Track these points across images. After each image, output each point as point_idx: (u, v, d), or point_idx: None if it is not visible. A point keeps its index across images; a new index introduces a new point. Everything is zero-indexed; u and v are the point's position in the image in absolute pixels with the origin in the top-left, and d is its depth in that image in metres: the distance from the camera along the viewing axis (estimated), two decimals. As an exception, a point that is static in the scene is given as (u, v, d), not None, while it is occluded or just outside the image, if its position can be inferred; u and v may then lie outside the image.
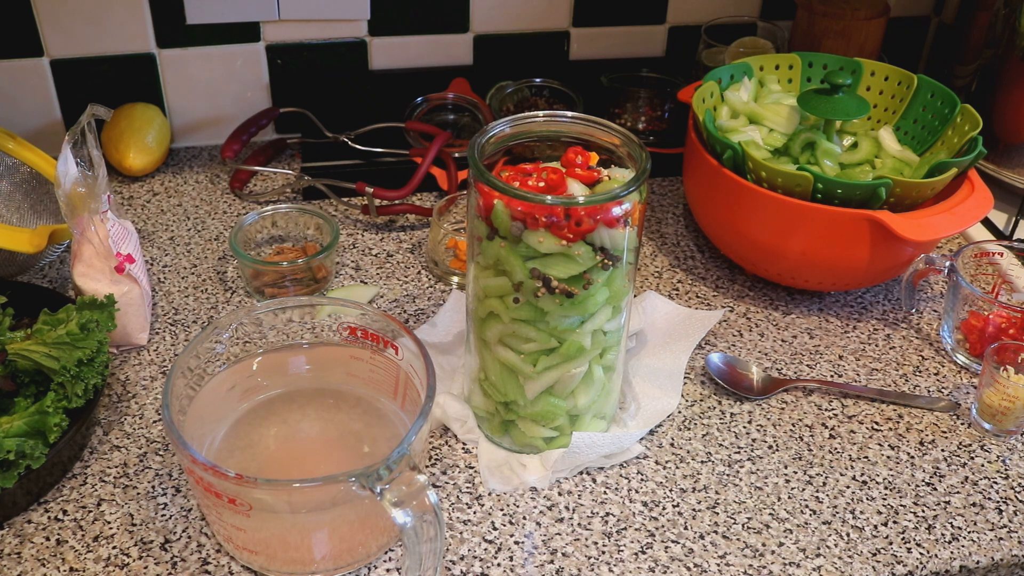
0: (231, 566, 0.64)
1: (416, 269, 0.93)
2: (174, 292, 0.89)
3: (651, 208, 1.04)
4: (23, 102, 1.04)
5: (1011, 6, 1.02)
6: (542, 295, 0.64)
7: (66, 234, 0.87)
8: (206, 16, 1.04)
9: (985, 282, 0.89)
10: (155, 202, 1.03)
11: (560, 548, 0.66)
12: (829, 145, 0.88)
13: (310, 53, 1.10)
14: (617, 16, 1.16)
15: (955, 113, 0.89)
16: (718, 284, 0.93)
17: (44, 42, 1.01)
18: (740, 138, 0.89)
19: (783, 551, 0.66)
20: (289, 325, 0.72)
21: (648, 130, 1.13)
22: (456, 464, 0.72)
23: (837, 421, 0.78)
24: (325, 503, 0.59)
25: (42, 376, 0.70)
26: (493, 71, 1.14)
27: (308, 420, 0.70)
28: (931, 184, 0.81)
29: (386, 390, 0.71)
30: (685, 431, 0.76)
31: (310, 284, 0.89)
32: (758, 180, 0.83)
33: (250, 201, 1.03)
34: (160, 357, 0.81)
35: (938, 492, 0.72)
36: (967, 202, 0.82)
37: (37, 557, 0.64)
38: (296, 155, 1.11)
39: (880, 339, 0.87)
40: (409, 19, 1.10)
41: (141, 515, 0.67)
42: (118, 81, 1.06)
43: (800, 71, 0.98)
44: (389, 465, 0.56)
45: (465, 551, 0.66)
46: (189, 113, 1.11)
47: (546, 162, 0.68)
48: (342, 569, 0.64)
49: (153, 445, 0.73)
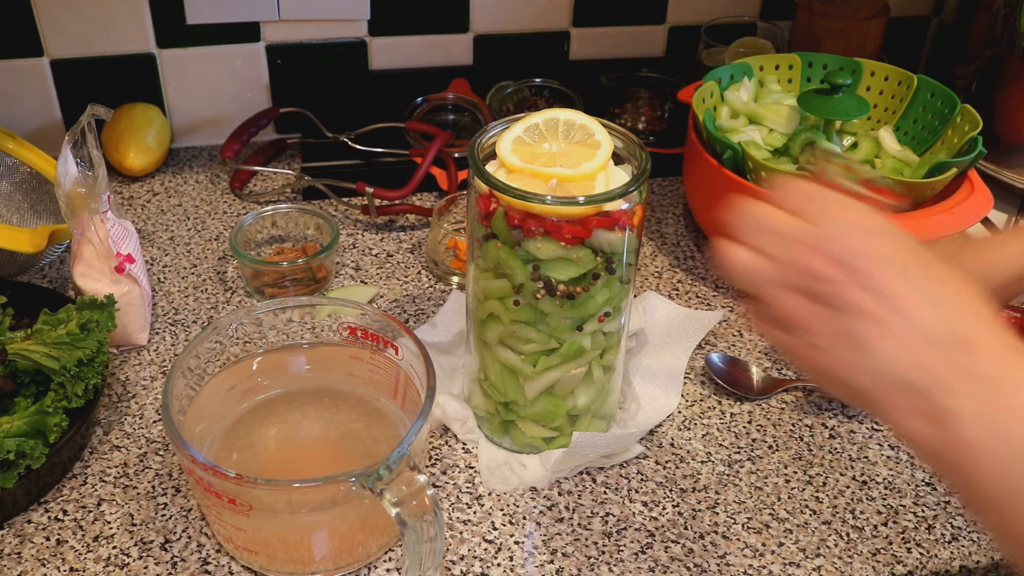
0: (231, 566, 0.64)
1: (416, 269, 0.93)
2: (174, 292, 0.89)
3: (651, 208, 1.04)
4: (23, 102, 1.04)
5: (1011, 6, 1.01)
6: (542, 297, 0.64)
7: (66, 234, 0.87)
8: (206, 16, 1.04)
9: (985, 282, 0.89)
10: (155, 202, 1.03)
11: (560, 548, 0.66)
12: (829, 145, 0.88)
13: (310, 53, 1.10)
14: (617, 16, 1.16)
15: (955, 113, 0.89)
16: (718, 284, 0.93)
17: (44, 42, 1.01)
18: (740, 138, 0.89)
19: (783, 551, 0.67)
20: (289, 325, 0.72)
21: (648, 130, 1.13)
22: (456, 464, 0.72)
23: (837, 421, 0.78)
24: (325, 503, 0.59)
25: (42, 376, 0.70)
26: (493, 71, 1.14)
27: (308, 420, 0.70)
28: (931, 184, 0.81)
29: (386, 390, 0.71)
30: (685, 431, 0.76)
31: (310, 284, 0.89)
32: (758, 180, 0.83)
33: (250, 201, 1.03)
34: (160, 357, 0.81)
35: (938, 492, 0.72)
36: (967, 202, 0.82)
37: (37, 557, 0.64)
38: (296, 155, 1.11)
39: (880, 339, 0.87)
40: (409, 19, 1.10)
41: (141, 515, 0.67)
42: (118, 81, 1.06)
43: (800, 71, 0.98)
44: (389, 465, 0.56)
45: (465, 551, 0.66)
46: (189, 113, 1.11)
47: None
48: (342, 569, 0.64)
49: (153, 445, 0.73)
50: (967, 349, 0.42)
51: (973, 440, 0.40)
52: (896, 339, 0.43)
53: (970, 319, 0.44)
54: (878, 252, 0.45)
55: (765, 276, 0.47)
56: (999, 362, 0.42)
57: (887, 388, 0.44)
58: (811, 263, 0.45)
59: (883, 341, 0.43)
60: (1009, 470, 0.40)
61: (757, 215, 0.49)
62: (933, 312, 0.43)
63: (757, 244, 0.48)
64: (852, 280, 0.44)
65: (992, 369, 0.42)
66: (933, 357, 0.42)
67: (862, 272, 0.44)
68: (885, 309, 0.43)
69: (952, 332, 0.43)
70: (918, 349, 0.43)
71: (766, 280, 0.47)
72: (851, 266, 0.44)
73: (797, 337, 0.47)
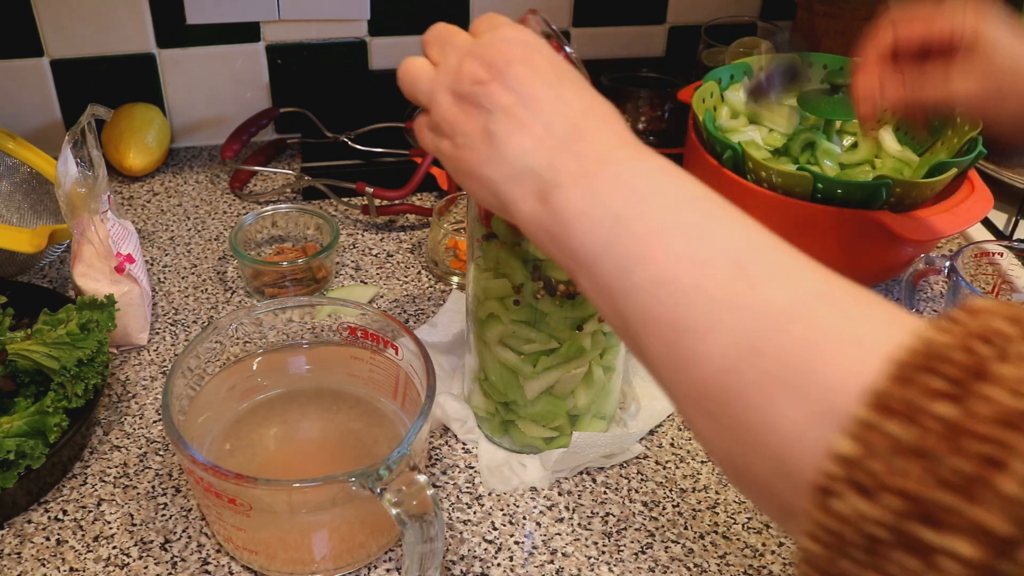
0: (231, 566, 0.64)
1: (416, 269, 0.93)
2: (174, 292, 0.89)
3: (651, 208, 1.04)
4: (23, 102, 1.04)
5: (1011, 6, 1.02)
6: (542, 297, 0.64)
7: (66, 234, 0.87)
8: (206, 16, 1.04)
9: (985, 282, 0.89)
10: (155, 202, 1.03)
11: (560, 548, 0.66)
12: (829, 145, 0.88)
13: (310, 53, 1.10)
14: (617, 16, 1.16)
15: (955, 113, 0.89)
16: (718, 284, 0.93)
17: (44, 42, 1.01)
18: (740, 138, 0.89)
19: (783, 551, 0.66)
20: (289, 325, 0.72)
21: (648, 130, 1.13)
22: (456, 464, 0.72)
23: (837, 421, 0.78)
24: (325, 503, 0.59)
25: (42, 376, 0.70)
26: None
27: (308, 420, 0.70)
28: (931, 184, 0.81)
29: (386, 390, 0.71)
30: (685, 431, 0.76)
31: (310, 284, 0.89)
32: (758, 180, 0.83)
33: (250, 201, 1.03)
34: (160, 357, 0.81)
35: (938, 492, 0.71)
36: (967, 202, 0.82)
37: (37, 557, 0.64)
38: (296, 155, 1.11)
39: (880, 339, 0.87)
40: (409, 19, 1.10)
41: (141, 515, 0.67)
42: (118, 81, 1.06)
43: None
44: (389, 465, 0.56)
45: (465, 551, 0.66)
46: (189, 113, 1.11)
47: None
48: (342, 569, 0.64)
49: (153, 445, 0.73)
50: (581, 137, 0.47)
51: (574, 207, 0.44)
52: (525, 132, 0.47)
53: (593, 119, 0.48)
54: (528, 60, 0.49)
55: (426, 79, 0.52)
56: (604, 146, 0.46)
57: (512, 178, 0.47)
58: (466, 66, 0.50)
59: (514, 135, 0.47)
60: (599, 231, 0.43)
61: (437, 27, 0.54)
62: (562, 112, 0.48)
63: (428, 54, 0.53)
64: (499, 81, 0.48)
65: (597, 151, 0.46)
66: (551, 145, 0.47)
67: (509, 75, 0.48)
68: (521, 107, 0.48)
69: (573, 125, 0.47)
70: (540, 140, 0.47)
71: (427, 83, 0.52)
72: (500, 70, 0.48)
73: (449, 139, 0.51)
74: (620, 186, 0.44)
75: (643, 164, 0.45)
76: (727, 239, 0.41)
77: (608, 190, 0.44)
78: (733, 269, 0.39)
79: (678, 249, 0.41)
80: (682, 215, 0.42)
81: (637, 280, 0.41)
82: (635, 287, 0.41)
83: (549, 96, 0.48)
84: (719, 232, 0.42)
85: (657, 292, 0.40)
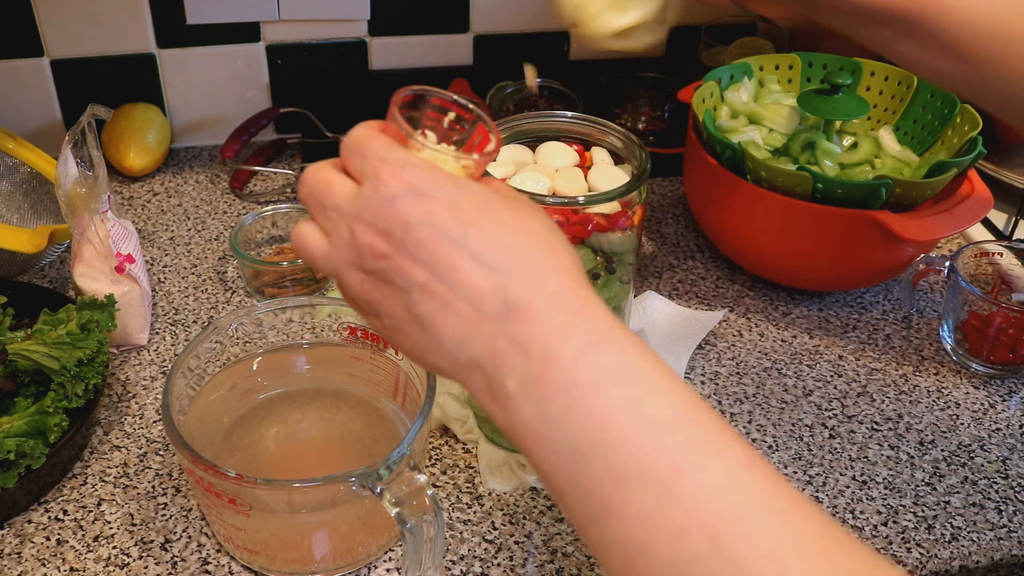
0: (231, 566, 0.64)
1: (416, 269, 0.93)
2: (174, 292, 0.89)
3: (651, 208, 1.04)
4: (23, 102, 1.04)
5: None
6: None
7: (66, 234, 0.87)
8: (206, 16, 1.04)
9: (985, 282, 0.89)
10: (155, 202, 1.03)
11: (560, 548, 0.66)
12: (829, 145, 0.88)
13: (310, 53, 1.10)
14: (617, 16, 1.16)
15: (955, 113, 0.89)
16: (718, 284, 0.93)
17: (44, 42, 1.01)
18: (740, 138, 0.89)
19: (783, 551, 0.66)
20: (289, 325, 0.72)
21: (648, 130, 1.13)
22: (456, 464, 0.72)
23: (837, 421, 0.78)
24: (325, 503, 0.59)
25: (42, 376, 0.70)
26: (493, 71, 1.14)
27: (308, 420, 0.70)
28: (931, 184, 0.81)
29: (386, 390, 0.71)
30: (685, 431, 0.76)
31: (310, 284, 0.89)
32: (758, 180, 0.83)
33: (250, 201, 1.03)
34: (160, 357, 0.81)
35: (938, 492, 0.72)
36: (967, 202, 0.82)
37: (37, 557, 0.64)
38: (296, 155, 1.11)
39: (880, 339, 0.87)
40: (409, 19, 1.10)
41: (141, 515, 0.67)
42: (118, 81, 1.06)
43: (800, 71, 0.98)
44: (389, 465, 0.56)
45: (465, 551, 0.66)
46: (189, 113, 1.11)
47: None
48: (342, 569, 0.64)
49: (153, 445, 0.73)
50: (519, 317, 0.39)
51: (528, 428, 0.38)
52: (452, 313, 0.40)
53: (527, 279, 0.39)
54: (427, 218, 0.40)
55: (322, 256, 0.44)
56: (551, 329, 0.38)
57: (459, 368, 0.41)
58: (361, 238, 0.41)
59: (441, 317, 0.40)
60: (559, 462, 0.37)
61: (308, 182, 0.44)
62: (486, 279, 0.39)
63: (316, 219, 0.44)
64: (402, 254, 0.40)
65: (542, 340, 0.38)
66: (487, 331, 0.39)
67: (410, 243, 0.40)
68: (437, 281, 0.40)
69: (504, 299, 0.39)
70: (473, 323, 0.39)
71: (325, 261, 0.44)
72: (399, 239, 0.40)
73: (375, 318, 0.44)
74: (572, 406, 0.37)
75: (595, 362, 0.38)
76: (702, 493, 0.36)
77: (560, 411, 0.37)
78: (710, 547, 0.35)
79: (649, 505, 0.36)
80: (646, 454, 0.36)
81: (608, 535, 0.37)
82: (606, 542, 0.37)
83: (462, 258, 0.40)
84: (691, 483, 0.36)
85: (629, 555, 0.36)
